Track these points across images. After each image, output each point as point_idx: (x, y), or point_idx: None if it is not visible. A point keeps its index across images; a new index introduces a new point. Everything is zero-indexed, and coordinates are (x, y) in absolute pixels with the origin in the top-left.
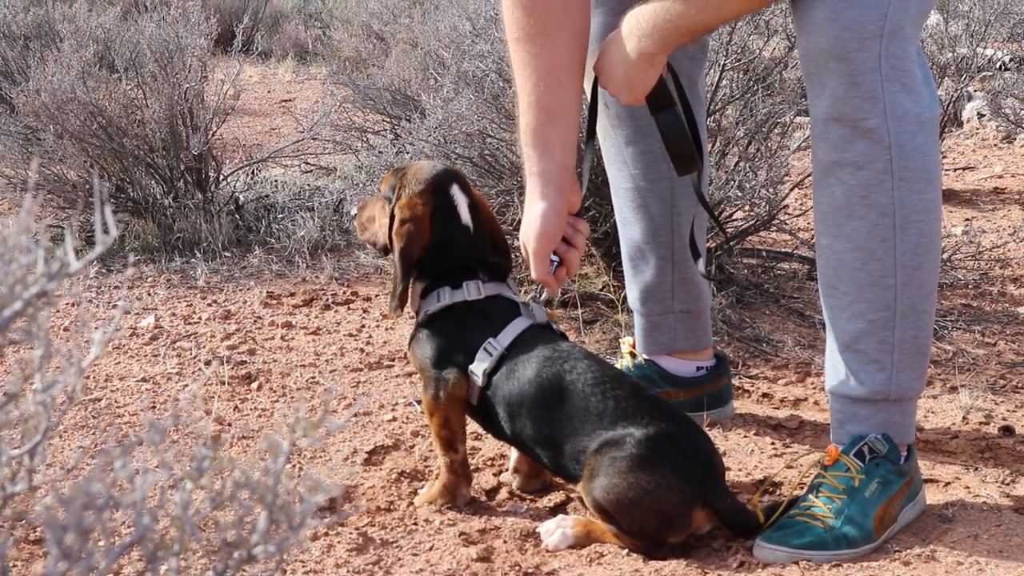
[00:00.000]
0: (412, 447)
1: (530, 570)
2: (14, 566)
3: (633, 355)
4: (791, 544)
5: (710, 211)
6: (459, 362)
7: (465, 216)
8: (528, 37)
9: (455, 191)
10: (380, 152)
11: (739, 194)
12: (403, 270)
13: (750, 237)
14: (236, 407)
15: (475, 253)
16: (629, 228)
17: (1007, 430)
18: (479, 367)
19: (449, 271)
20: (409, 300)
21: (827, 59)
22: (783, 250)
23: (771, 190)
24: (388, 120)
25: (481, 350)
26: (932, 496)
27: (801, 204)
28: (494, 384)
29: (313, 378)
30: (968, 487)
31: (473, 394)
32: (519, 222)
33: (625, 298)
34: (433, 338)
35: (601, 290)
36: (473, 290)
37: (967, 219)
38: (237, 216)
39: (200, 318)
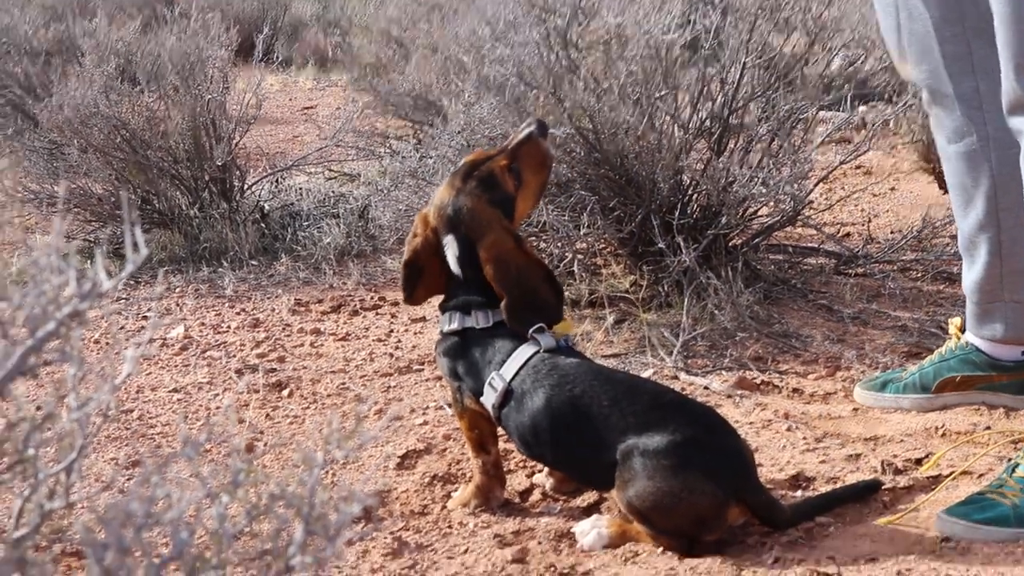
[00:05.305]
0: (444, 451)
1: (565, 571)
2: None
3: (957, 336)
4: (971, 518)
5: None
6: (471, 386)
7: (454, 265)
8: None
9: (448, 240)
10: (404, 157)
11: (764, 190)
12: (402, 277)
13: (776, 233)
14: (268, 415)
15: (467, 294)
16: (961, 221)
17: None
18: (487, 401)
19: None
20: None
21: None
22: (809, 245)
23: (795, 186)
24: (411, 125)
25: (487, 386)
26: (966, 488)
27: (826, 198)
28: (504, 417)
29: (343, 384)
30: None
31: (491, 418)
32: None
33: (650, 297)
34: (446, 356)
35: (628, 290)
36: (481, 319)
37: None
38: (263, 224)
39: (229, 327)
